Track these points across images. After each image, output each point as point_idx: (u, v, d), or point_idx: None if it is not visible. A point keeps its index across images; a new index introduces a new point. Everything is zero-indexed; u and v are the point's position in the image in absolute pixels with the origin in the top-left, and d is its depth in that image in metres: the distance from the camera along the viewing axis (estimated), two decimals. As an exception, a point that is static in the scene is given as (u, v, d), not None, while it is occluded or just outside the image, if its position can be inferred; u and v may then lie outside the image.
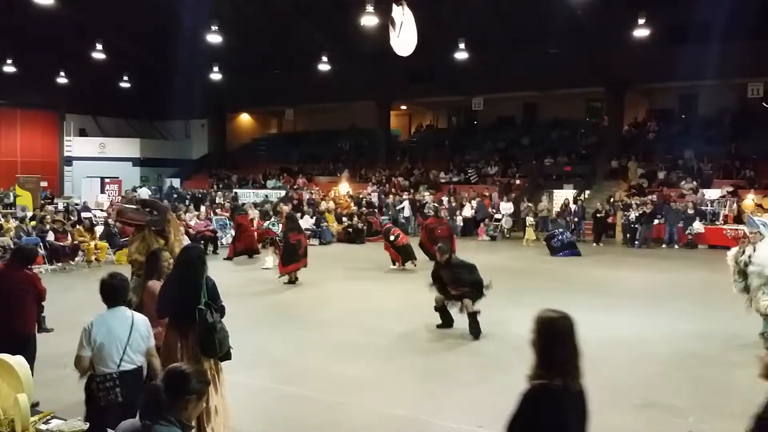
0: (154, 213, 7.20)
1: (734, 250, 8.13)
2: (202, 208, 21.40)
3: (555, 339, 2.88)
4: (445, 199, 24.39)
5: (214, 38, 24.02)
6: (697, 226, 19.76)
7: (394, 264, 15.05)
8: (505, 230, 22.62)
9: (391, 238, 14.97)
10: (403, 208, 24.04)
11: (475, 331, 8.56)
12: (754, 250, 7.64)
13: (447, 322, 9.00)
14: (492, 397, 6.43)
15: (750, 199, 20.31)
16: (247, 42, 27.87)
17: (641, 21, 20.87)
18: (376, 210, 23.11)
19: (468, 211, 23.09)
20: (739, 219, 19.76)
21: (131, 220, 7.26)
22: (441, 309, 9.00)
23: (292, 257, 12.92)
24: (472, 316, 8.60)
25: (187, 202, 25.28)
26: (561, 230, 18.76)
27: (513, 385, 6.81)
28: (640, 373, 7.16)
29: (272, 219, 16.11)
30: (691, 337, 8.10)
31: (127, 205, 7.46)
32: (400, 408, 6.00)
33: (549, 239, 18.35)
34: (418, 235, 21.84)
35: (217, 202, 23.86)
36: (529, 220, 21.10)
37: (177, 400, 2.94)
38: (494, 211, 23.23)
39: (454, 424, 5.70)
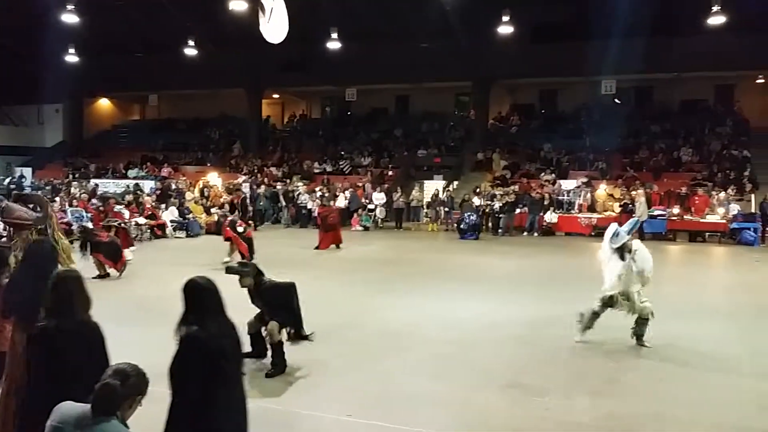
0: (38, 209, 6.43)
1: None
2: (57, 200, 19.99)
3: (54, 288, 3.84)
4: (318, 189, 24.26)
5: (69, 18, 22.29)
6: (549, 217, 20.95)
7: (242, 257, 14.71)
8: (379, 220, 22.94)
9: (239, 229, 14.67)
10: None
11: (278, 367, 6.65)
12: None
13: (259, 351, 7.02)
14: (361, 385, 6.45)
15: (602, 189, 21.79)
16: (105, 22, 26.08)
17: (506, 19, 21.79)
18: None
19: (341, 202, 23.11)
20: (592, 208, 21.24)
21: (19, 219, 6.27)
22: (253, 335, 7.03)
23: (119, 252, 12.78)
24: (277, 347, 6.75)
25: (39, 193, 23.51)
26: (469, 213, 20.03)
27: (382, 371, 6.91)
28: (506, 355, 7.43)
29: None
30: (552, 319, 8.53)
31: (12, 204, 6.46)
32: (269, 402, 5.86)
33: (459, 223, 20.19)
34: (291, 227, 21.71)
35: (72, 192, 22.27)
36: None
37: (126, 399, 3.07)
38: (367, 201, 23.44)
39: (323, 413, 5.65)
